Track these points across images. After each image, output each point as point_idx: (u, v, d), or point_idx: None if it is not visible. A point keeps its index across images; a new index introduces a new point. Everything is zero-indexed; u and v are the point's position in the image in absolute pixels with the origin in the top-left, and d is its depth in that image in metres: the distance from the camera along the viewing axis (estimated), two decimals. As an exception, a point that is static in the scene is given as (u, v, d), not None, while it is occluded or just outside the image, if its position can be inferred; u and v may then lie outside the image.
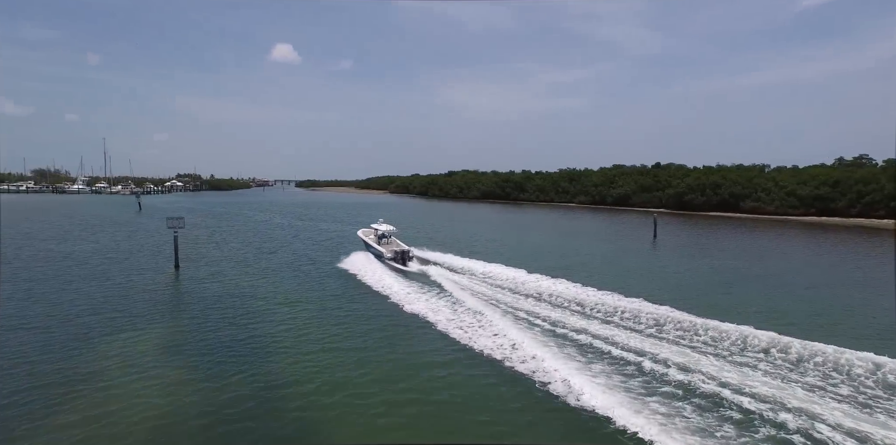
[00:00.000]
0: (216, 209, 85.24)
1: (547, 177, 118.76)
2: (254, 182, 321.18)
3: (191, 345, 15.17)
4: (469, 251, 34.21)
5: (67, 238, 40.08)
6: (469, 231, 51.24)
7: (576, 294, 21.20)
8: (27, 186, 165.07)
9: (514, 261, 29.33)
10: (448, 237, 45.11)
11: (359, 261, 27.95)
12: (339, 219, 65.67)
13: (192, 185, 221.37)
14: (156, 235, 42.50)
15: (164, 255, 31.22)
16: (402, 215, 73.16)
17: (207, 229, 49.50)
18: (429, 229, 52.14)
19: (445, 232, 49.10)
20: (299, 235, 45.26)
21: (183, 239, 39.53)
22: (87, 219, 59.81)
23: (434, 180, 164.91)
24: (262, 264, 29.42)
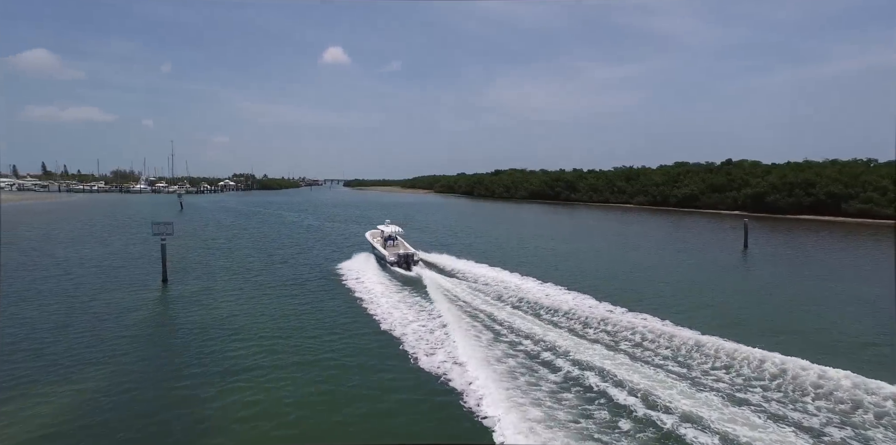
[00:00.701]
0: (254, 209, 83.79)
1: (601, 175, 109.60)
2: (303, 181, 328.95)
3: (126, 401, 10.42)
4: (511, 262, 28.38)
5: (80, 241, 37.74)
6: (514, 236, 45.07)
7: (653, 327, 15.35)
8: (98, 186, 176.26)
9: (563, 278, 23.21)
10: (489, 243, 39.20)
11: (357, 267, 26.31)
12: (374, 220, 61.18)
13: (244, 185, 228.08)
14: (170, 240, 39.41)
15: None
16: (441, 217, 67.95)
17: (229, 231, 46.43)
18: (468, 234, 46.49)
19: (487, 238, 43.21)
20: (323, 239, 40.95)
21: (195, 241, 36.14)
22: (122, 219, 58.84)
23: (480, 179, 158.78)
24: (261, 278, 24.93)
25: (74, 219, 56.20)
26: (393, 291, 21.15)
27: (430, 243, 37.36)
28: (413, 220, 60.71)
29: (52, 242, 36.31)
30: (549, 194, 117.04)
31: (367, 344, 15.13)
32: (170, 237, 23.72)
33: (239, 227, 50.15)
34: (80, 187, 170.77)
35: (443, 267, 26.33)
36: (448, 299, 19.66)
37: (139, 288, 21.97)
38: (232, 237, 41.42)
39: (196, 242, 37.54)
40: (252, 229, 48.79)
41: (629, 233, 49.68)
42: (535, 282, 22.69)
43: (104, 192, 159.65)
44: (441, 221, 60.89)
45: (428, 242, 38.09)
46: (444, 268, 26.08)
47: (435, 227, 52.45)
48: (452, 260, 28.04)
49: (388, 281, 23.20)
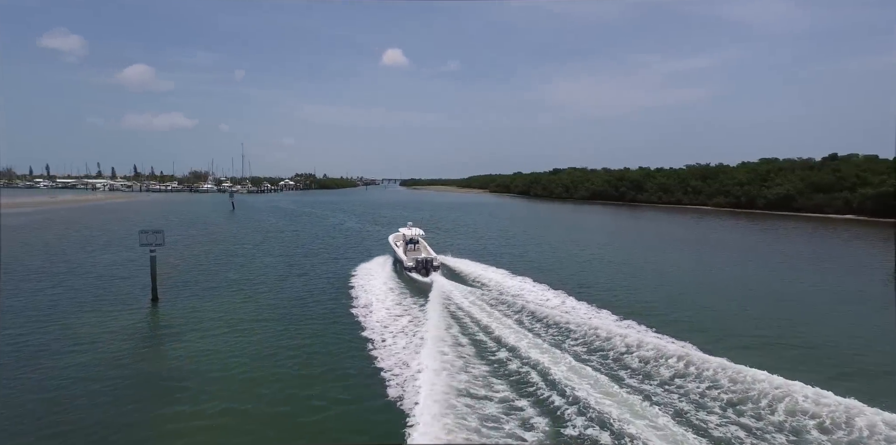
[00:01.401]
0: (302, 209, 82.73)
1: (671, 174, 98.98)
2: (361, 181, 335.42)
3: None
4: (558, 275, 22.89)
5: (95, 244, 36.34)
6: (571, 242, 38.95)
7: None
8: (172, 186, 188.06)
9: (621, 303, 17.45)
10: (543, 252, 33.52)
11: (371, 271, 25.12)
12: (422, 225, 57.02)
13: (303, 184, 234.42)
14: (195, 246, 37.34)
15: (168, 278, 24.56)
16: (493, 219, 62.55)
17: (263, 234, 43.95)
18: (521, 239, 40.93)
19: (540, 245, 37.46)
20: (357, 245, 37.02)
21: (220, 247, 33.40)
22: (169, 220, 58.74)
23: (537, 179, 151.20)
24: (265, 297, 21.13)
25: (121, 218, 56.86)
26: (394, 303, 19.38)
27: (475, 251, 32.42)
28: (462, 224, 55.88)
29: (72, 243, 35.19)
30: (612, 194, 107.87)
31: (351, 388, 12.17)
32: (163, 247, 20.39)
33: (276, 230, 47.79)
34: (157, 187, 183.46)
35: (465, 275, 24.44)
36: (448, 311, 17.69)
37: (123, 309, 18.77)
38: (261, 241, 38.69)
39: (221, 247, 35.02)
40: (288, 232, 46.18)
41: (712, 242, 41.81)
42: (580, 306, 18.85)
43: (176, 192, 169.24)
44: (493, 224, 55.57)
45: (473, 250, 33.13)
46: (467, 277, 24.19)
47: (484, 231, 47.31)
48: (481, 268, 25.86)
49: (394, 290, 21.35)
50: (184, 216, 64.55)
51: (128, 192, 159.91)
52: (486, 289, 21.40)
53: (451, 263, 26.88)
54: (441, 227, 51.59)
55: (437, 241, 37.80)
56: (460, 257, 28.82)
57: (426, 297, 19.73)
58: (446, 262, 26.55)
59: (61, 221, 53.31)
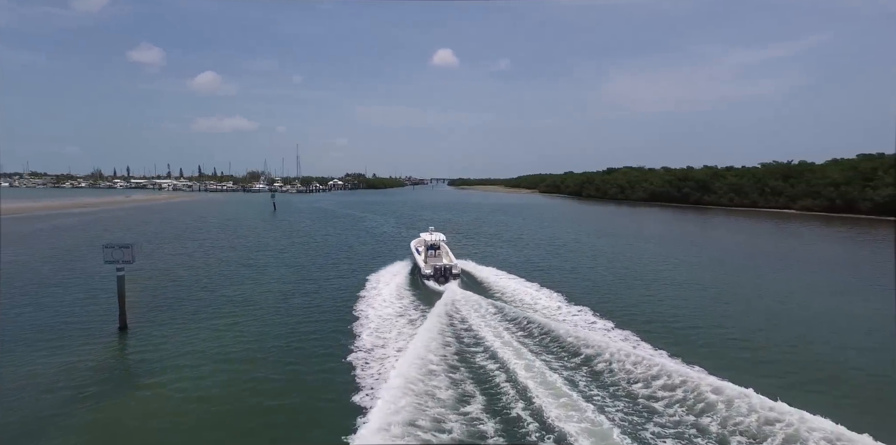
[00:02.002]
0: (343, 210, 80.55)
1: (745, 173, 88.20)
2: (409, 180, 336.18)
3: None
4: (605, 296, 17.48)
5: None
6: (636, 256, 32.99)
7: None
8: (227, 186, 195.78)
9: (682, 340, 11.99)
10: (601, 273, 28.00)
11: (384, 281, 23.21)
12: (463, 229, 52.64)
13: (351, 184, 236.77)
14: (212, 252, 34.89)
15: (156, 295, 21.47)
16: (540, 223, 56.85)
17: (292, 239, 41.07)
18: (573, 250, 35.40)
19: (600, 262, 31.85)
20: (386, 253, 32.88)
21: (236, 255, 30.56)
22: (206, 222, 57.79)
23: (590, 178, 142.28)
24: (260, 321, 17.47)
25: (162, 219, 56.51)
26: (393, 316, 17.57)
27: (517, 265, 27.46)
28: (506, 228, 50.79)
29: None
30: (673, 195, 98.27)
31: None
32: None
33: (306, 235, 44.94)
34: (214, 187, 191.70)
35: (487, 286, 22.58)
36: (448, 328, 15.93)
37: (84, 338, 15.56)
38: (284, 248, 35.63)
39: (236, 255, 32.18)
40: (317, 237, 43.11)
41: (813, 256, 34.19)
42: (641, 348, 14.42)
43: (231, 192, 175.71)
44: (540, 230, 50.07)
45: (515, 263, 28.17)
46: (489, 288, 22.26)
47: (530, 238, 42.01)
48: (507, 278, 23.68)
49: (396, 304, 19.17)
50: (223, 217, 63.78)
51: (188, 192, 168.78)
52: (507, 304, 18.88)
53: (474, 271, 25.31)
54: (484, 232, 46.84)
55: (476, 251, 33.23)
56: (485, 264, 26.93)
57: (430, 310, 17.87)
58: (469, 269, 25.22)
59: (103, 222, 53.47)
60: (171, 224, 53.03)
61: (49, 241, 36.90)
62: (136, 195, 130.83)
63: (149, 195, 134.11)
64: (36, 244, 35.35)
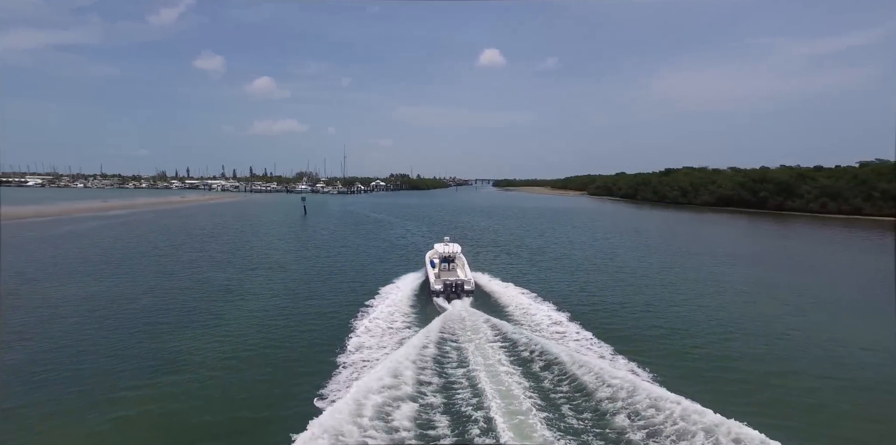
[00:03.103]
0: (375, 214, 75.34)
1: (841, 173, 75.39)
2: (453, 181, 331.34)
3: None
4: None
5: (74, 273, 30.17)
6: (741, 288, 24.95)
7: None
8: (271, 187, 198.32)
9: None
10: (696, 316, 20.40)
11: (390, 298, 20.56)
12: (502, 240, 45.92)
13: (393, 185, 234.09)
14: (201, 270, 29.92)
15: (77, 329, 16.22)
16: (594, 234, 48.76)
17: (307, 251, 35.62)
18: (639, 275, 27.71)
19: (685, 295, 24.12)
20: (398, 274, 26.47)
21: (222, 270, 25.38)
22: (228, 227, 54.00)
23: (646, 180, 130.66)
24: (217, 386, 11.70)
25: (182, 225, 53.31)
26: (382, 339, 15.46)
27: (569, 297, 20.36)
28: (553, 240, 43.30)
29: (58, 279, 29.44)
30: (748, 200, 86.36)
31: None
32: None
33: (323, 246, 39.53)
34: (258, 187, 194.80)
35: (503, 308, 19.61)
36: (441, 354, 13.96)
37: None
38: (287, 264, 30.10)
39: (225, 275, 26.89)
40: (332, 250, 37.54)
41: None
42: None
43: (274, 192, 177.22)
44: (595, 243, 42.25)
45: (563, 294, 21.03)
46: (504, 309, 19.44)
47: (582, 255, 34.46)
48: (530, 301, 20.30)
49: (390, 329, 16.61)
50: (246, 222, 60.10)
51: (233, 192, 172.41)
52: (521, 335, 15.51)
53: (492, 287, 22.65)
54: (528, 245, 39.61)
55: (516, 272, 26.39)
56: (505, 280, 24.23)
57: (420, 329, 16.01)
58: (485, 285, 22.83)
59: (113, 229, 50.76)
60: (184, 230, 49.47)
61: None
62: (189, 195, 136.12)
63: (198, 195, 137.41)
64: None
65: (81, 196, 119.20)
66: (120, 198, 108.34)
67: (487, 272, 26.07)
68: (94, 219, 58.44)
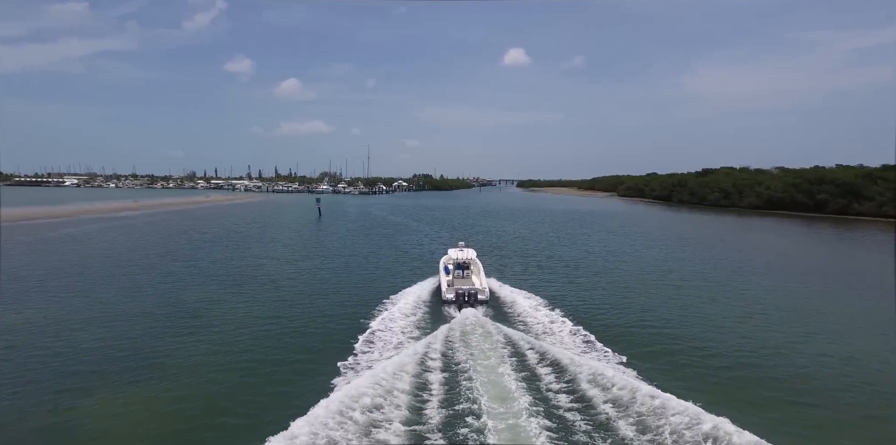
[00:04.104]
0: (392, 216, 70.95)
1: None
2: (476, 181, 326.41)
3: None
4: None
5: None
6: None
7: None
8: (293, 187, 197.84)
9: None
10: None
11: None
12: (530, 250, 40.98)
13: (416, 185, 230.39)
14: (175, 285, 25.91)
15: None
16: (633, 240, 42.85)
17: (301, 262, 31.17)
18: (710, 299, 22.20)
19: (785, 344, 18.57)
20: (405, 290, 21.73)
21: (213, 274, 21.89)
22: (237, 231, 50.50)
23: (681, 181, 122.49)
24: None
25: (178, 227, 50.09)
26: None
27: (634, 343, 15.29)
28: (590, 249, 37.80)
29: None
30: (801, 203, 78.22)
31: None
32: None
33: (326, 256, 35.16)
34: (280, 187, 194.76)
35: (520, 320, 17.89)
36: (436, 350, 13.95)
37: None
38: (280, 279, 25.63)
39: (200, 294, 22.65)
40: (339, 259, 33.09)
41: None
42: None
43: (296, 192, 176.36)
44: (641, 252, 36.55)
45: (618, 330, 15.93)
46: (520, 321, 17.75)
47: (630, 269, 28.96)
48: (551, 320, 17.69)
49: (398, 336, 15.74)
50: (256, 225, 56.57)
51: (256, 193, 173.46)
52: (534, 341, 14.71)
53: (511, 298, 20.90)
54: (559, 257, 34.23)
55: (551, 292, 21.29)
56: (519, 287, 22.82)
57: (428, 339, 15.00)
58: (504, 295, 21.45)
59: (112, 231, 47.81)
60: (185, 234, 46.07)
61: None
62: (213, 195, 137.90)
63: (220, 195, 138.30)
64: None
65: (106, 196, 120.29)
66: (144, 198, 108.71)
67: (507, 282, 23.95)
68: (98, 221, 56.00)
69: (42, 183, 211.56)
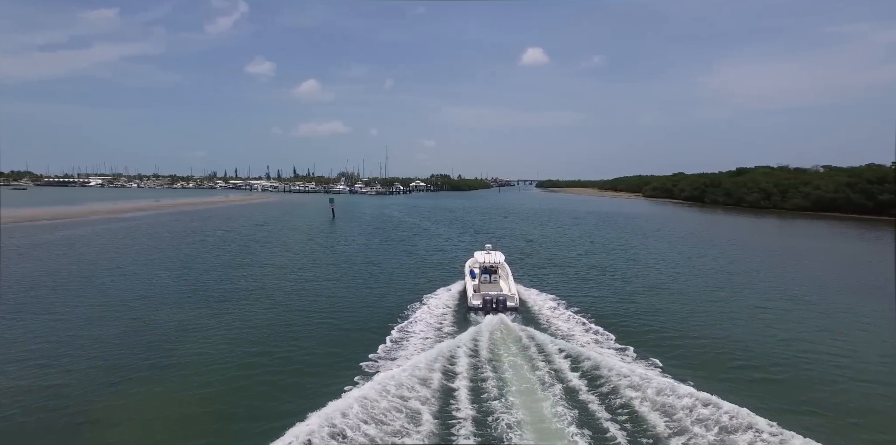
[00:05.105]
0: (409, 218, 66.82)
1: None
2: (495, 182, 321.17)
3: None
4: None
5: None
6: None
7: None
8: (309, 187, 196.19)
9: None
10: None
11: None
12: (563, 258, 36.35)
13: (434, 186, 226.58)
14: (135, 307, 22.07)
15: None
16: (679, 248, 37.62)
17: (317, 270, 27.16)
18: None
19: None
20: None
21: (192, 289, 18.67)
22: (241, 235, 47.10)
23: (715, 180, 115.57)
24: None
25: (181, 230, 46.88)
26: None
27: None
28: (636, 257, 32.86)
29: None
30: (859, 205, 71.32)
31: None
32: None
33: (340, 262, 31.23)
34: (296, 188, 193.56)
35: (551, 328, 16.56)
36: None
37: None
38: (273, 293, 21.65)
39: (168, 314, 18.76)
40: (354, 267, 29.04)
41: None
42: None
43: (313, 193, 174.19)
44: (710, 264, 31.49)
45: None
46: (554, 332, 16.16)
47: (685, 290, 24.11)
48: None
49: None
50: (264, 228, 53.09)
51: (272, 192, 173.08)
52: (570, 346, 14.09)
53: (541, 305, 19.25)
54: (598, 266, 29.48)
55: (606, 314, 16.79)
56: (551, 294, 20.82)
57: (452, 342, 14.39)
58: (531, 301, 19.82)
59: (108, 234, 44.78)
60: (186, 238, 42.74)
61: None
62: (231, 195, 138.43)
63: (236, 195, 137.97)
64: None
65: (126, 196, 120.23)
66: (160, 197, 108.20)
67: (537, 289, 22.10)
68: (102, 223, 53.27)
69: (69, 183, 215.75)
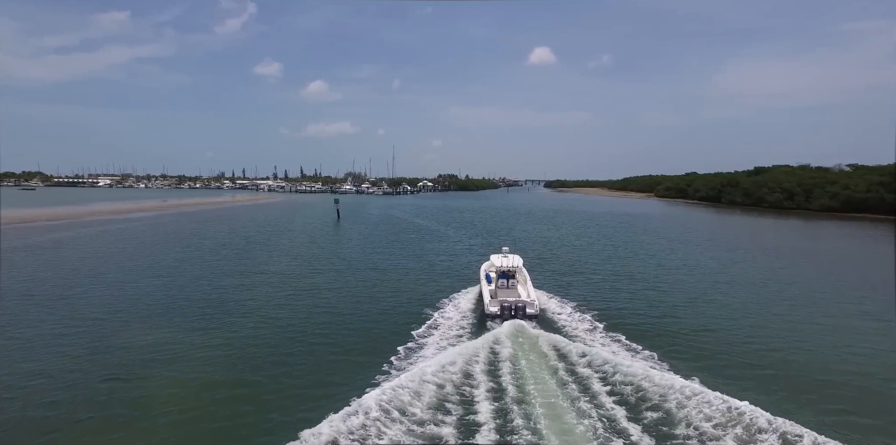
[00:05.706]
0: (417, 219, 64.20)
1: None
2: (503, 182, 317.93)
3: None
4: None
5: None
6: None
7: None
8: (316, 187, 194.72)
9: None
10: None
11: None
12: (590, 265, 33.47)
13: (441, 186, 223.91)
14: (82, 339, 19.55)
15: None
16: (694, 252, 34.52)
17: (304, 278, 24.60)
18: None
19: None
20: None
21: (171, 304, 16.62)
22: (233, 238, 44.79)
23: (732, 180, 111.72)
24: None
25: (176, 232, 44.65)
26: None
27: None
28: (659, 261, 29.90)
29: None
30: (891, 204, 67.58)
31: None
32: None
33: (344, 268, 28.67)
34: (302, 188, 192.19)
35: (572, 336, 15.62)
36: None
37: None
38: (290, 299, 19.15)
39: (133, 333, 16.25)
40: (360, 273, 26.46)
41: None
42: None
43: (319, 193, 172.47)
44: (734, 275, 28.55)
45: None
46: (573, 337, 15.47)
47: (729, 304, 21.22)
48: None
49: None
50: (264, 229, 50.75)
51: (279, 193, 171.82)
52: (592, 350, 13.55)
53: (563, 312, 18.49)
54: (625, 272, 26.55)
55: (641, 330, 14.13)
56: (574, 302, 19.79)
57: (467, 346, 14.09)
58: (552, 308, 18.89)
59: (104, 237, 42.67)
60: (183, 241, 40.49)
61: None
62: (237, 195, 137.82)
63: (243, 196, 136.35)
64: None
65: (133, 196, 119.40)
66: (167, 198, 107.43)
67: (558, 296, 20.97)
68: (98, 224, 51.26)
69: (78, 183, 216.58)
